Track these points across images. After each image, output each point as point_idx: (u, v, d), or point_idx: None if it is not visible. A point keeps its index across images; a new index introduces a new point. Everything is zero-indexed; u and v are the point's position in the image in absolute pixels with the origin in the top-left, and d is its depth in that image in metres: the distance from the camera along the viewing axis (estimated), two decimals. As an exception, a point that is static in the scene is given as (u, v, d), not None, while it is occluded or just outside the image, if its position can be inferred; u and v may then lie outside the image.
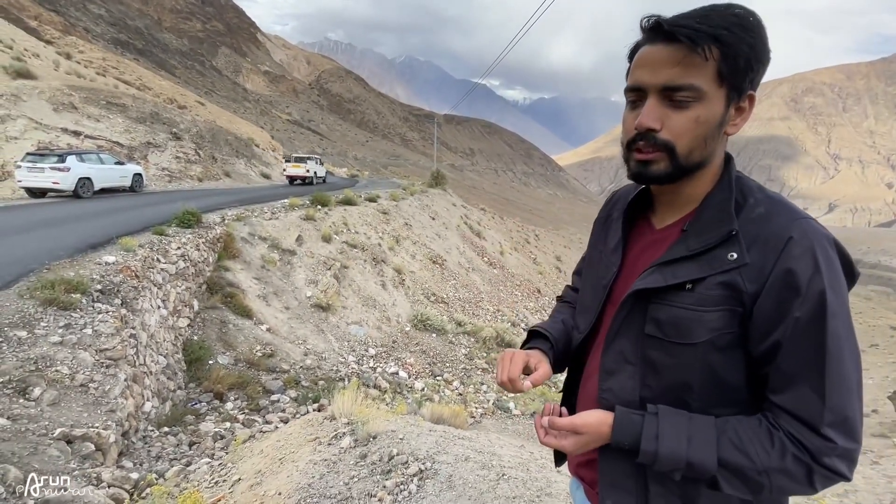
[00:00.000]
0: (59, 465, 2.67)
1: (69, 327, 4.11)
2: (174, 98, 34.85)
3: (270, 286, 9.61)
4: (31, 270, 5.16)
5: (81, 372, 3.65)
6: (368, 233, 14.51)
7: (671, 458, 0.74)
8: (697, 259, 0.78)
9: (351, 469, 2.37)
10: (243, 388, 6.49)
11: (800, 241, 0.72)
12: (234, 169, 24.26)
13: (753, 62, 0.75)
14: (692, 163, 0.79)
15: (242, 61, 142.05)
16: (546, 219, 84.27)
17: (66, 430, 2.99)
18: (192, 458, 3.81)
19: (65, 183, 11.77)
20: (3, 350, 3.50)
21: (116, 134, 18.08)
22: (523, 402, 9.04)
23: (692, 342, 0.77)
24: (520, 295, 17.90)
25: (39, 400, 3.19)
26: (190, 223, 8.98)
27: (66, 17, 73.51)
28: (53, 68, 23.92)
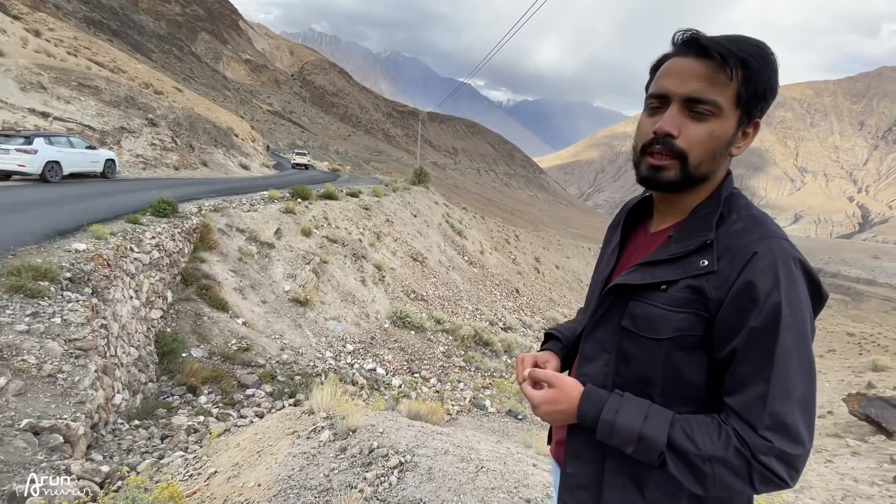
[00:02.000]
0: (26, 457, 2.60)
1: (36, 316, 3.97)
2: (150, 83, 33.71)
3: (247, 279, 9.44)
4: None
5: (49, 362, 3.53)
6: (349, 228, 14.40)
7: (625, 429, 0.81)
8: (674, 263, 0.85)
9: (331, 461, 2.38)
10: (217, 382, 6.38)
11: (764, 257, 0.78)
12: (212, 158, 23.66)
13: (767, 93, 0.82)
14: (699, 174, 0.86)
15: (223, 48, 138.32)
16: (526, 220, 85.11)
17: (33, 421, 2.90)
18: (164, 451, 3.74)
19: (31, 166, 11.27)
20: (-34, 338, 3.36)
21: (88, 117, 17.39)
22: (499, 401, 9.15)
23: (658, 338, 0.84)
24: (499, 294, 18.07)
25: (4, 390, 3.08)
26: (165, 212, 8.74)
27: (34, -7, 69.90)
28: (21, 45, 22.81)
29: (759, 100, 0.82)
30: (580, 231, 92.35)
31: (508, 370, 10.95)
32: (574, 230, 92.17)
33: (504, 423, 7.95)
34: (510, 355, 11.80)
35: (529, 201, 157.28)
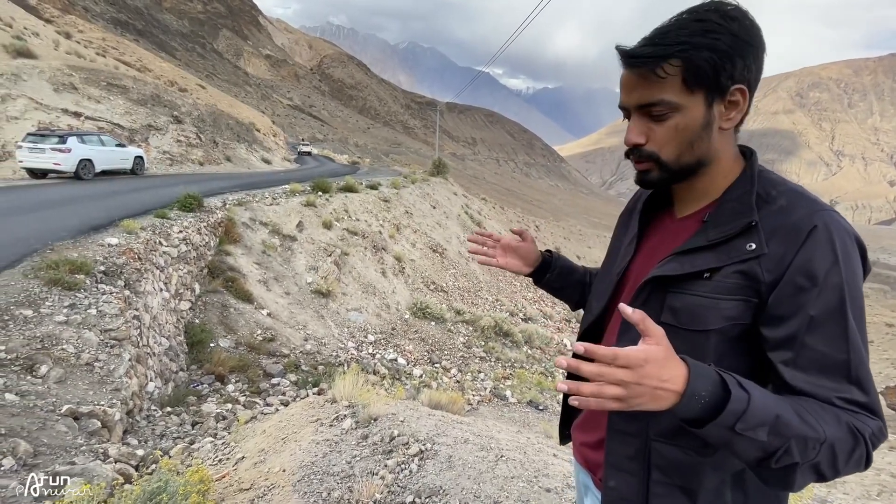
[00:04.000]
0: (67, 441, 2.74)
1: (74, 307, 4.15)
2: (175, 80, 34.53)
3: (271, 271, 9.65)
4: (34, 251, 5.19)
5: (87, 351, 3.70)
6: (369, 220, 14.52)
7: (763, 409, 0.65)
8: (716, 249, 0.81)
9: (353, 449, 2.43)
10: (244, 371, 6.58)
11: (821, 233, 0.74)
12: (235, 154, 24.15)
13: (725, 60, 0.78)
14: (685, 165, 0.85)
15: (244, 45, 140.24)
16: (547, 210, 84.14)
17: (73, 406, 3.05)
18: (195, 437, 3.89)
19: (66, 164, 11.74)
20: (10, 328, 3.55)
21: (117, 116, 17.96)
22: (520, 391, 9.15)
23: (705, 329, 0.79)
24: (519, 285, 17.98)
25: (46, 377, 3.24)
26: (191, 207, 8.98)
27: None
28: (53, 47, 23.65)
29: (717, 73, 0.78)
30: (602, 220, 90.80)
31: (529, 361, 10.92)
32: (595, 219, 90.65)
33: (525, 414, 7.95)
34: (531, 346, 11.76)
35: (550, 191, 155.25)
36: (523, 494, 2.15)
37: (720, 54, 0.78)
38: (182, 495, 1.85)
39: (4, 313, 3.69)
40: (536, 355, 11.40)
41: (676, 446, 0.82)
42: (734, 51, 0.78)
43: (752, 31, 0.79)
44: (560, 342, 12.82)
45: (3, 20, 26.86)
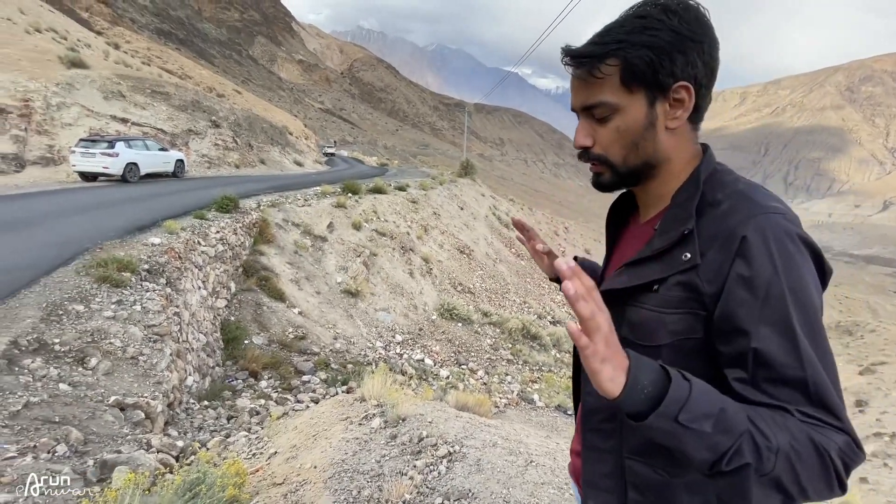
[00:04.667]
0: (114, 430, 2.88)
1: (121, 303, 4.37)
2: (213, 86, 35.93)
3: (302, 271, 9.89)
4: (85, 249, 5.51)
5: (132, 345, 3.89)
6: (397, 221, 14.66)
7: (707, 400, 0.62)
8: (660, 259, 0.76)
9: (382, 448, 2.45)
10: (276, 368, 6.76)
11: (754, 239, 0.68)
12: (268, 156, 24.89)
13: (663, 57, 0.74)
14: (632, 167, 0.81)
15: (277, 50, 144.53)
16: (576, 211, 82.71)
17: (120, 398, 3.21)
18: (230, 430, 4.02)
19: (114, 168, 12.40)
20: (64, 322, 3.77)
21: (160, 121, 18.84)
22: (548, 395, 9.02)
23: (655, 345, 0.75)
24: (547, 287, 17.74)
25: (95, 369, 3.43)
26: (228, 208, 9.31)
27: (114, 9, 76.64)
28: (103, 58, 25.06)
29: (655, 70, 0.74)
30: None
31: (557, 364, 10.75)
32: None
33: (553, 418, 7.83)
34: (559, 349, 11.58)
35: (580, 191, 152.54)
36: (554, 501, 2.11)
37: (658, 51, 0.74)
38: (219, 487, 1.92)
39: (59, 308, 3.93)
40: (565, 359, 11.22)
41: (649, 465, 0.77)
42: (674, 47, 0.74)
43: (695, 25, 0.75)
44: (589, 346, 12.58)
45: (58, 33, 28.70)
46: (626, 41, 0.75)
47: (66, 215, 7.58)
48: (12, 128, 14.53)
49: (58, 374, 3.19)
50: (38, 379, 3.05)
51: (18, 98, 15.03)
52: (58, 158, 14.63)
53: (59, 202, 8.93)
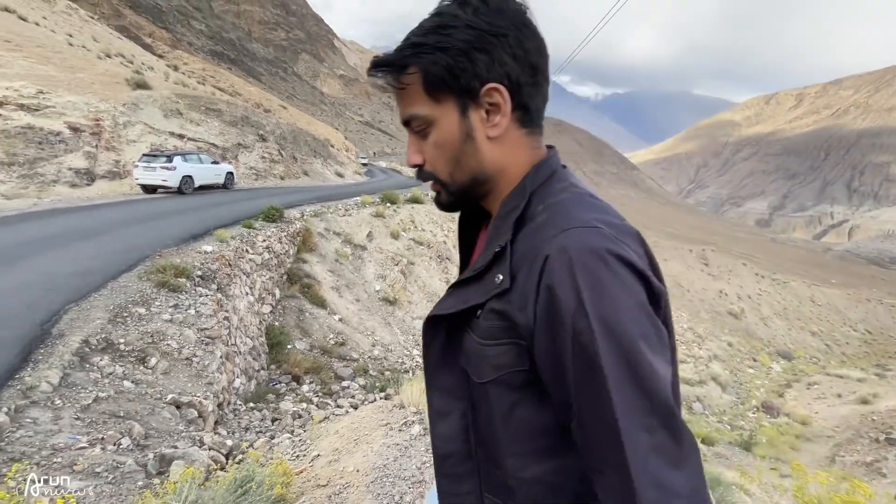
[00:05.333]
0: (171, 426, 3.06)
1: (177, 307, 4.65)
2: (261, 102, 37.86)
3: (343, 279, 10.15)
4: (147, 256, 5.91)
5: (186, 347, 4.12)
6: (434, 230, 14.80)
7: None
8: (479, 280, 0.66)
9: (422, 455, 2.47)
10: (317, 373, 6.95)
11: (556, 262, 0.57)
12: (311, 168, 25.85)
13: (461, 59, 0.64)
14: (461, 184, 0.71)
15: (320, 67, 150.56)
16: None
17: (176, 396, 3.40)
18: (274, 432, 4.16)
19: (171, 180, 13.27)
20: (128, 323, 4.05)
21: (213, 136, 20.03)
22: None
23: (482, 381, 0.65)
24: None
25: (155, 369, 3.66)
26: (274, 218, 9.73)
27: (174, 34, 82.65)
28: (164, 79, 27.01)
29: (456, 75, 0.65)
30: (679, 231, 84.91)
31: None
32: (672, 230, 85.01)
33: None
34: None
35: (621, 200, 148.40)
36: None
37: (454, 53, 0.64)
38: (268, 485, 2.00)
39: (124, 310, 4.23)
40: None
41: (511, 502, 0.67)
42: (472, 45, 0.64)
43: (494, 16, 0.64)
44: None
45: (126, 58, 31.24)
46: (421, 45, 0.66)
47: (129, 225, 8.18)
48: (85, 145, 15.88)
49: (122, 371, 3.42)
50: (106, 376, 3.29)
51: (91, 118, 16.43)
52: (123, 172, 15.83)
53: (124, 213, 9.64)
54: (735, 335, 26.25)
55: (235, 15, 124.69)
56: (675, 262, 36.38)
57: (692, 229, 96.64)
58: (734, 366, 20.84)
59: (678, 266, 35.42)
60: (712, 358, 19.38)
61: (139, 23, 67.75)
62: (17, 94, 15.48)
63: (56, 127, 15.37)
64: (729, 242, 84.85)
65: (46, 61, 18.45)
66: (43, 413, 2.67)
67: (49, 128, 15.18)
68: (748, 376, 20.04)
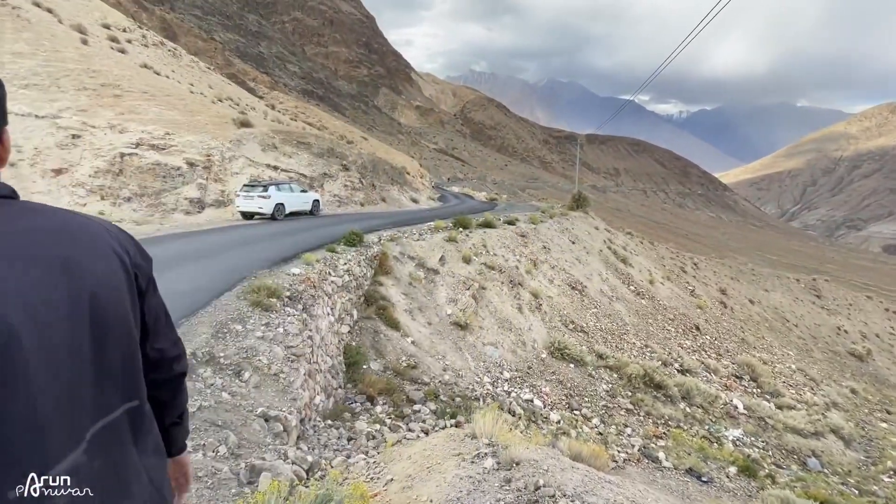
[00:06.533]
0: (260, 438, 3.28)
1: (268, 325, 5.05)
2: (344, 135, 40.83)
3: (416, 302, 10.38)
4: (244, 277, 6.53)
5: (275, 363, 4.43)
6: (506, 255, 14.67)
7: None
8: None
9: (497, 491, 2.39)
10: (390, 395, 7.08)
11: None
12: (389, 195, 27.13)
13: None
14: None
15: (398, 99, 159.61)
16: (707, 245, 74.00)
17: (265, 410, 3.65)
18: (350, 451, 4.28)
19: (266, 208, 14.66)
20: (227, 339, 4.47)
21: (302, 167, 21.90)
22: (676, 455, 7.93)
23: None
24: (673, 331, 15.94)
25: (248, 382, 3.97)
26: (354, 243, 10.29)
27: (272, 76, 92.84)
28: (263, 117, 30.28)
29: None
30: (782, 258, 75.82)
31: (687, 420, 9.45)
32: (774, 257, 76.16)
33: (683, 484, 6.83)
34: (689, 403, 10.18)
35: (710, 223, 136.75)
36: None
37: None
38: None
39: (224, 327, 4.68)
40: (697, 414, 9.81)
41: None
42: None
43: None
44: (728, 402, 10.83)
45: (233, 101, 35.55)
46: None
47: (231, 248, 9.11)
48: (198, 178, 18.17)
49: (221, 383, 3.76)
50: (208, 386, 3.63)
51: (204, 154, 18.81)
52: (227, 201, 17.81)
53: (227, 237, 10.78)
54: (860, 380, 22.48)
55: (324, 56, 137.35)
56: (779, 292, 32.39)
57: (799, 256, 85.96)
58: (860, 417, 17.76)
59: (782, 297, 31.46)
60: (830, 406, 16.72)
61: (245, 69, 77.15)
62: (150, 136, 18.23)
63: (177, 163, 17.81)
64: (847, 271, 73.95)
65: (172, 107, 21.59)
66: (157, 417, 3.02)
67: (172, 164, 17.63)
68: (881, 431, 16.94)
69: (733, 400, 11.05)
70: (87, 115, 18.21)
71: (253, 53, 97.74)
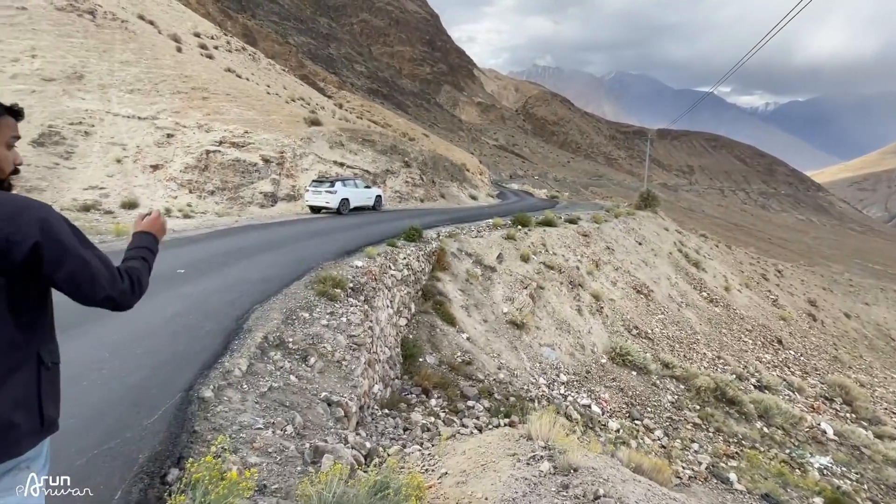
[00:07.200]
0: (323, 421, 3.45)
1: (333, 314, 5.29)
2: (406, 132, 41.70)
3: (472, 298, 10.39)
4: (311, 268, 6.89)
5: (338, 351, 4.64)
6: (566, 255, 14.25)
7: None
8: None
9: (553, 496, 2.34)
10: (445, 389, 7.16)
11: None
12: (448, 191, 27.36)
13: None
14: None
15: (460, 95, 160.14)
16: (794, 251, 67.13)
17: (328, 394, 3.84)
18: (406, 441, 4.39)
19: (333, 203, 15.37)
20: (295, 325, 4.75)
21: (366, 163, 22.69)
22: (750, 478, 7.30)
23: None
24: (751, 343, 14.65)
25: (313, 367, 4.19)
26: (413, 238, 10.49)
27: (340, 77, 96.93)
28: (331, 116, 31.70)
29: None
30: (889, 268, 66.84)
31: (764, 441, 8.65)
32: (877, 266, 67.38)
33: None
34: (768, 422, 9.30)
35: (799, 226, 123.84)
36: None
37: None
38: (404, 495, 2.11)
39: (293, 314, 4.98)
40: (776, 436, 8.95)
41: None
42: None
43: None
44: (815, 426, 9.76)
45: (304, 100, 37.56)
46: None
47: (300, 240, 9.66)
48: (272, 173, 19.43)
49: (290, 366, 4.01)
50: (278, 369, 3.88)
51: (278, 151, 20.08)
52: (297, 195, 18.90)
53: (296, 230, 11.44)
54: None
55: (389, 55, 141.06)
56: (883, 307, 28.61)
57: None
58: (982, 455, 15.26)
59: (887, 313, 27.75)
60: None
61: (316, 71, 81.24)
62: (231, 135, 19.77)
63: (254, 159, 19.16)
64: (972, 286, 63.82)
65: (251, 108, 23.24)
66: (235, 394, 3.27)
67: (249, 160, 19.00)
68: None
69: (821, 424, 9.94)
70: (179, 115, 20.12)
71: (323, 55, 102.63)
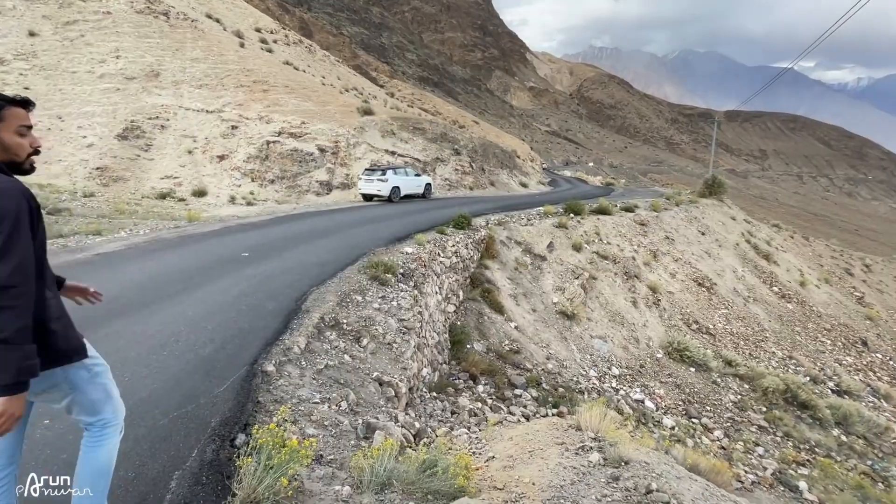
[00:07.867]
0: (374, 400, 3.59)
1: (384, 299, 5.45)
2: (457, 120, 41.52)
3: (521, 287, 10.28)
4: (364, 253, 7.11)
5: (389, 334, 4.78)
6: (621, 244, 13.69)
7: None
8: None
9: (603, 487, 2.29)
10: (492, 376, 7.19)
11: None
12: (497, 179, 27.05)
13: None
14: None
15: (511, 81, 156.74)
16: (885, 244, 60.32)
17: (379, 374, 3.98)
18: (453, 424, 4.47)
19: (384, 190, 15.70)
20: (349, 308, 4.94)
21: (416, 151, 22.89)
22: (823, 488, 6.75)
23: None
24: (829, 343, 13.42)
25: (366, 348, 4.36)
26: (462, 226, 10.50)
27: (392, 66, 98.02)
28: (383, 105, 32.18)
29: None
30: None
31: (842, 450, 7.94)
32: None
33: (830, 521, 5.81)
34: (846, 430, 8.52)
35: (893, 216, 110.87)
36: None
37: None
38: (452, 474, 2.16)
39: (347, 297, 5.18)
40: (856, 446, 8.19)
41: None
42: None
43: None
44: (903, 436, 8.81)
45: (358, 90, 38.39)
46: None
47: (353, 226, 9.98)
48: (327, 162, 20.13)
49: (344, 346, 4.19)
50: (333, 348, 4.07)
51: (332, 141, 20.74)
52: (350, 184, 19.48)
53: (350, 217, 11.82)
54: None
55: (440, 42, 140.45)
56: None
57: None
58: None
59: None
60: None
61: (368, 60, 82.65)
62: (289, 125, 20.65)
63: (310, 149, 19.93)
64: None
65: (307, 99, 24.10)
66: (294, 369, 3.48)
67: (306, 150, 19.78)
68: None
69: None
70: (242, 108, 21.29)
71: (375, 45, 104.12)
